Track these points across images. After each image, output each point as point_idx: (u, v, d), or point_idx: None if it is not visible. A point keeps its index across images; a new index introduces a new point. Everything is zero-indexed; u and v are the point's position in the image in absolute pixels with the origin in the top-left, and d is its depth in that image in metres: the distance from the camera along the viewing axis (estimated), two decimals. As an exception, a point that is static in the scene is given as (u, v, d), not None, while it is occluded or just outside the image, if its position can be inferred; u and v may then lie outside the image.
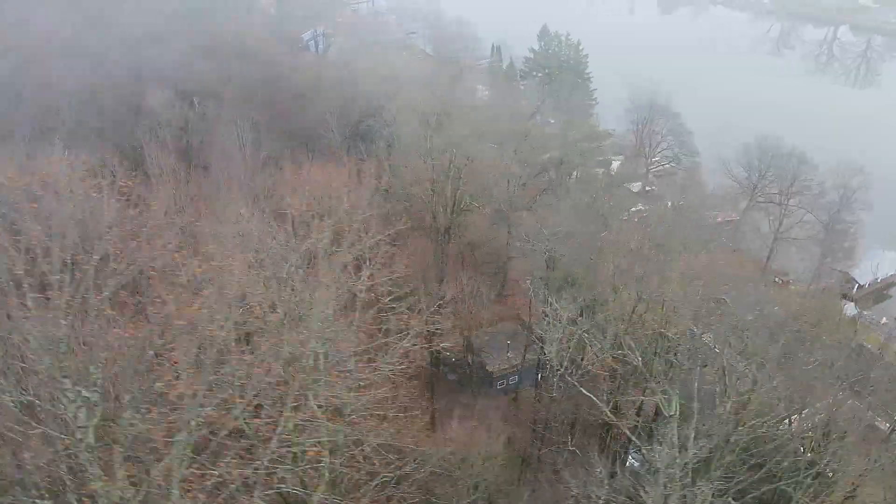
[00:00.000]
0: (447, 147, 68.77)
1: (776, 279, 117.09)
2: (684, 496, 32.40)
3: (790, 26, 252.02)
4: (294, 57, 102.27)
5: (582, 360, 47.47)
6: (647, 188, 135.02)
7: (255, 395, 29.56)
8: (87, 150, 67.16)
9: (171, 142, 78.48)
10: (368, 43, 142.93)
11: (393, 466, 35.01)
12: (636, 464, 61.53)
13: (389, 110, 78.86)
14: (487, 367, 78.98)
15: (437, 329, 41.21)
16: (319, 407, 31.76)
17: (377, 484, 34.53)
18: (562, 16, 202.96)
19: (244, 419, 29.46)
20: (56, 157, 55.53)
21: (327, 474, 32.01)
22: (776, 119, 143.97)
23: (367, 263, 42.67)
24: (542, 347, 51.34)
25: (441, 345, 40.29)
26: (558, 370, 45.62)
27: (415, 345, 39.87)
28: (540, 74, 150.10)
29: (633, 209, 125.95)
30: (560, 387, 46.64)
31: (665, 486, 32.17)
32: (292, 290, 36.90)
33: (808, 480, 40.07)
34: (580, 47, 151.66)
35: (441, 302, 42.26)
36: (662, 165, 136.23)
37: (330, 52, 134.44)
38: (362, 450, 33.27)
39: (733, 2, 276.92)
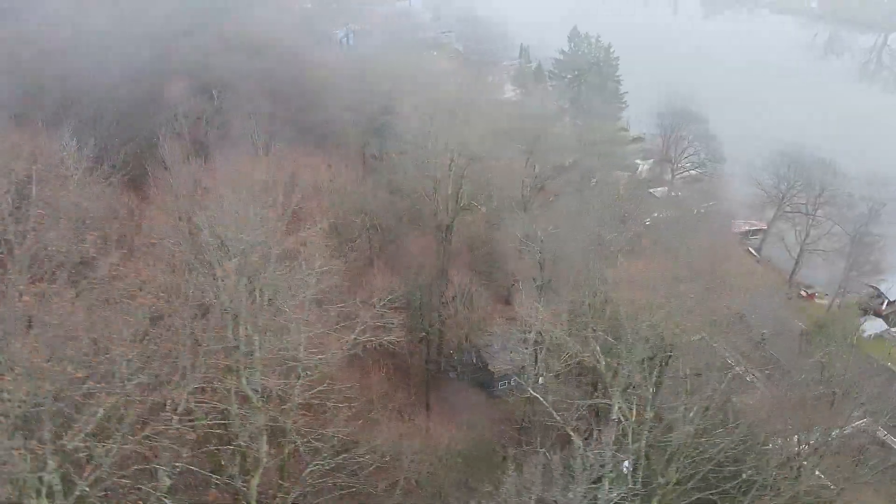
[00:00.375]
0: (456, 146, 68.95)
1: (801, 291, 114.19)
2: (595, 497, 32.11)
3: (838, 32, 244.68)
4: (318, 52, 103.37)
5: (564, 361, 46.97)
6: (673, 193, 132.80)
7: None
8: (97, 139, 69.95)
9: (188, 133, 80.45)
10: (397, 40, 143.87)
11: (326, 455, 35.49)
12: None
13: (403, 107, 79.26)
14: (489, 367, 78.97)
15: (386, 323, 41.49)
16: (255, 391, 32.37)
17: (311, 471, 35.06)
18: (600, 18, 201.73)
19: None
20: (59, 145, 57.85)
21: (264, 459, 32.72)
22: (813, 127, 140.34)
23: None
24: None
25: (386, 338, 40.51)
26: (534, 371, 45.43)
27: (370, 337, 40.11)
28: (569, 76, 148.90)
29: (656, 215, 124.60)
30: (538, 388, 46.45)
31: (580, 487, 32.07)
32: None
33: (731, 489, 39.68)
34: (611, 49, 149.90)
35: (391, 297, 42.52)
36: (689, 171, 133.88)
37: (358, 48, 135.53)
38: (299, 438, 33.81)
39: (780, 5, 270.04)
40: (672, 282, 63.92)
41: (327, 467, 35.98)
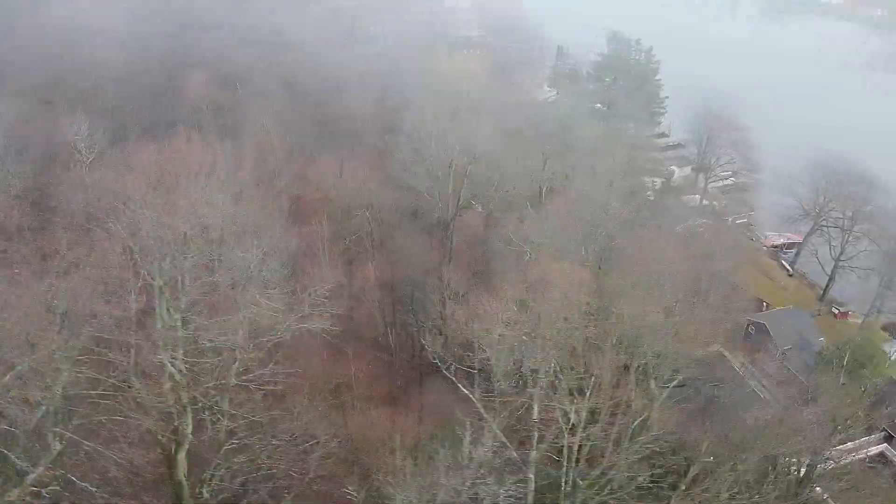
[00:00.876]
0: (458, 145, 68.91)
1: (834, 309, 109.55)
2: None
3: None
4: (343, 49, 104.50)
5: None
6: (705, 202, 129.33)
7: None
8: (117, 127, 72.65)
9: (208, 123, 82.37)
10: (435, 38, 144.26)
11: (242, 436, 36.26)
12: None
13: (414, 106, 79.47)
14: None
15: (322, 312, 41.74)
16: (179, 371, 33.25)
17: (226, 450, 35.80)
18: (648, 21, 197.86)
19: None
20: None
21: (189, 435, 33.67)
22: (858, 139, 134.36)
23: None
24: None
25: (317, 325, 40.66)
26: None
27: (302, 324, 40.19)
28: (607, 79, 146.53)
29: (689, 223, 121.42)
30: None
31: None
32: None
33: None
34: (652, 52, 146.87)
35: (328, 286, 42.89)
36: (723, 180, 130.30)
37: (390, 46, 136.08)
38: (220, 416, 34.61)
39: (845, 12, 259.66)
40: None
41: (238, 447, 36.56)
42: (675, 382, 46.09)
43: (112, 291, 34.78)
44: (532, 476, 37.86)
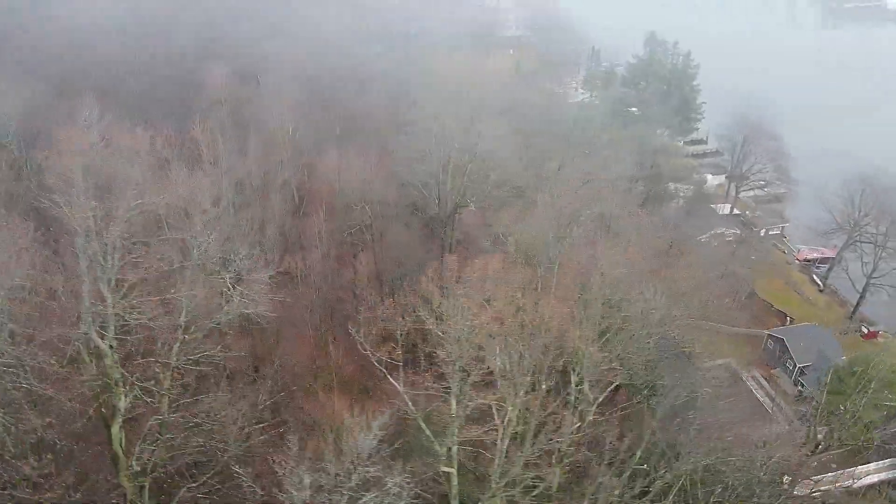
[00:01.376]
0: (457, 145, 69.04)
1: (862, 328, 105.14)
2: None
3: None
4: (368, 48, 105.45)
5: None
6: (737, 211, 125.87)
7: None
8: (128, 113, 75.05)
9: (227, 115, 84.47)
10: (471, 38, 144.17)
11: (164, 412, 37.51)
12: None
13: (423, 104, 79.82)
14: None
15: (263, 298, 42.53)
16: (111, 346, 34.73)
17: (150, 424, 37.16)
18: (703, 27, 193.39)
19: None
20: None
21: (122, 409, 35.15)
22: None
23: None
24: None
25: (250, 311, 41.31)
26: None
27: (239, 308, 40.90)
28: (643, 83, 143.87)
29: (717, 231, 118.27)
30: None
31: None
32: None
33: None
34: (690, 57, 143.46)
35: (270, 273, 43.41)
36: (754, 189, 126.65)
37: (421, 45, 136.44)
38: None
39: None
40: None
41: (165, 423, 37.53)
42: (611, 387, 45.27)
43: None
44: (454, 470, 37.82)
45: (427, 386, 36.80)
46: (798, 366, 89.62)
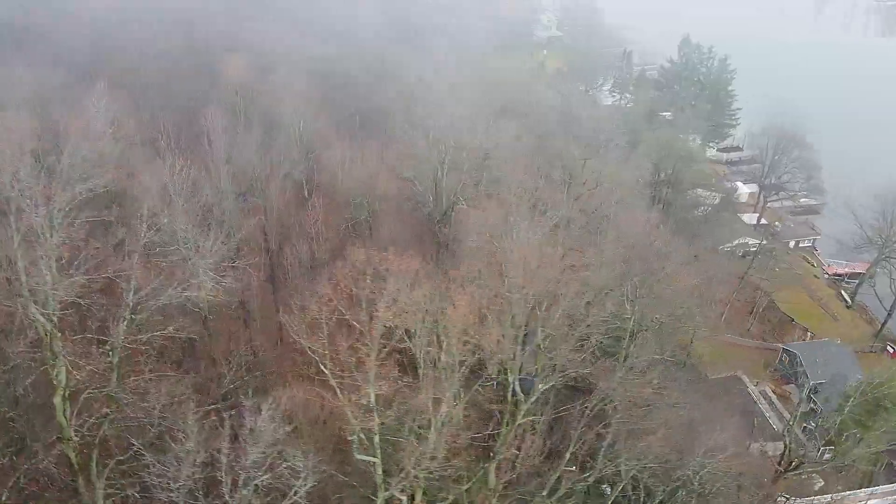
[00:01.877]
0: (454, 144, 69.16)
1: (889, 346, 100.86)
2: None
3: None
4: (389, 44, 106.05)
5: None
6: (764, 221, 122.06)
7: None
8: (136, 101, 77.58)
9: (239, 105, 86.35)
10: (505, 37, 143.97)
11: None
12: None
13: (429, 104, 79.96)
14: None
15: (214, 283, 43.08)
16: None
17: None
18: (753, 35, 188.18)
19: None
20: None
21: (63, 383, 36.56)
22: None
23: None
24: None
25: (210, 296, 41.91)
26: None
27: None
28: (676, 86, 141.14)
29: (739, 241, 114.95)
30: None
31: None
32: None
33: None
34: (727, 62, 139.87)
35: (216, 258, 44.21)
36: (782, 200, 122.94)
37: (450, 44, 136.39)
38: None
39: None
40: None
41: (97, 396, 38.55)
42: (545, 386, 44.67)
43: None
44: (378, 459, 37.86)
45: (346, 375, 37.06)
46: (811, 382, 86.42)
